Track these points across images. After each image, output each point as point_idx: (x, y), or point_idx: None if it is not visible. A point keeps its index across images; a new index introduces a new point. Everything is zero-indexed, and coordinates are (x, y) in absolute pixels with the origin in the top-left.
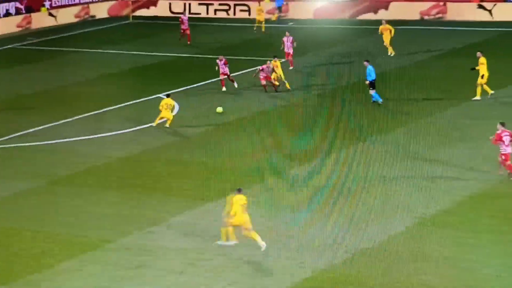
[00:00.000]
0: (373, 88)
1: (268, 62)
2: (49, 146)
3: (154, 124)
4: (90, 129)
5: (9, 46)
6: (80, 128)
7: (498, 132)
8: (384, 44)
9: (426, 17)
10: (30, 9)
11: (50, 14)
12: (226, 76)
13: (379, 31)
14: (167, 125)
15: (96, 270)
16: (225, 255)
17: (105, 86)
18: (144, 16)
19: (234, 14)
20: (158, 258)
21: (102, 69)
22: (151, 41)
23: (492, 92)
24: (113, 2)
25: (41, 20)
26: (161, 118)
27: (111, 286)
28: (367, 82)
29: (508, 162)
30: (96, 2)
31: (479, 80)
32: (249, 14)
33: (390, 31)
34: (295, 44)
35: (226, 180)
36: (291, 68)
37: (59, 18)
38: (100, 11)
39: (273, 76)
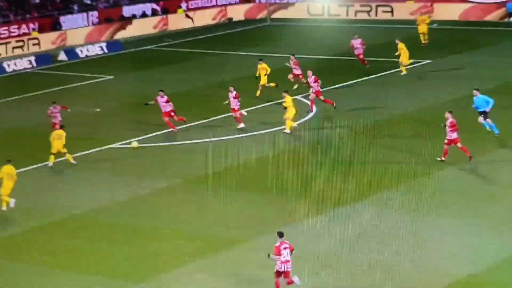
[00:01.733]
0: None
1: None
2: (187, 146)
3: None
4: (227, 130)
5: (145, 48)
6: (217, 129)
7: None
8: None
9: None
10: (166, 11)
11: (187, 16)
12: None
13: None
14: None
15: (230, 269)
16: (360, 258)
17: (242, 88)
18: (282, 19)
19: (376, 15)
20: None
21: (239, 71)
22: (289, 43)
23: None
24: (250, 5)
25: (177, 21)
26: (288, 118)
27: (241, 286)
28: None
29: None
30: (233, 4)
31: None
32: (392, 15)
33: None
34: (364, 46)
35: (364, 183)
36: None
37: (196, 20)
38: (237, 13)
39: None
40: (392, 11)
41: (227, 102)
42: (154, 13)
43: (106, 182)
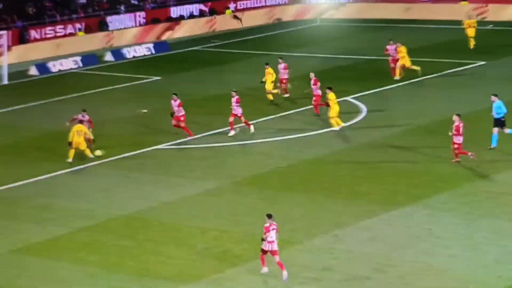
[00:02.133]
0: (500, 126)
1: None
2: (234, 147)
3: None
4: (276, 130)
5: (193, 48)
6: (266, 130)
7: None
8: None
9: None
10: (214, 12)
11: (235, 17)
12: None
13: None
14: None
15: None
16: (412, 262)
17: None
18: (332, 19)
19: (428, 16)
20: (343, 262)
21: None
22: (339, 43)
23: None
24: (299, 5)
25: (225, 22)
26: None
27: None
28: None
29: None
30: (282, 5)
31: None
32: (445, 16)
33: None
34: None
35: (416, 185)
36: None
37: (244, 21)
38: (286, 14)
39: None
40: (444, 12)
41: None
42: (202, 14)
43: (152, 183)
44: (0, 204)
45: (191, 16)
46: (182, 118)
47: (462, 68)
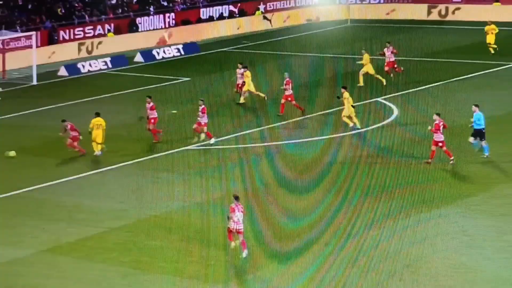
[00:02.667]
0: (478, 137)
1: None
2: (265, 148)
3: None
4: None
5: (222, 49)
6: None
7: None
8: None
9: None
10: (243, 13)
11: (265, 18)
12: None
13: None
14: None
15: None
16: (443, 262)
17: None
18: (363, 19)
19: (459, 17)
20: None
21: (318, 73)
22: (370, 44)
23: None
24: (330, 6)
25: (255, 23)
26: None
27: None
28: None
29: (445, 148)
30: (312, 5)
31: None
32: (476, 17)
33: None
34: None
35: (450, 185)
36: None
37: (273, 22)
38: (317, 14)
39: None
40: (474, 13)
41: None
42: (231, 15)
43: (182, 183)
44: (31, 204)
45: (221, 17)
46: (152, 121)
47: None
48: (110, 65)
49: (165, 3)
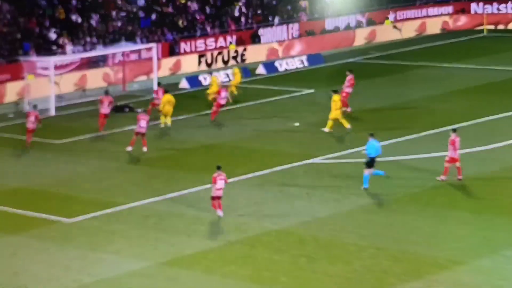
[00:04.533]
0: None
1: None
2: (393, 162)
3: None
4: (436, 146)
5: (348, 61)
6: (427, 145)
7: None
8: None
9: None
10: (372, 22)
11: (395, 27)
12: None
13: None
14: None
15: None
16: None
17: (455, 102)
18: (502, 30)
19: None
20: None
21: (449, 84)
22: (508, 55)
23: None
24: (465, 15)
25: (384, 33)
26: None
27: None
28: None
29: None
30: (446, 15)
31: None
32: None
33: None
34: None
35: None
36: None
37: (404, 32)
38: (451, 24)
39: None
40: None
41: None
42: (359, 25)
43: (305, 197)
44: (152, 217)
45: (348, 27)
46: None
47: None
48: (232, 77)
49: (291, 13)
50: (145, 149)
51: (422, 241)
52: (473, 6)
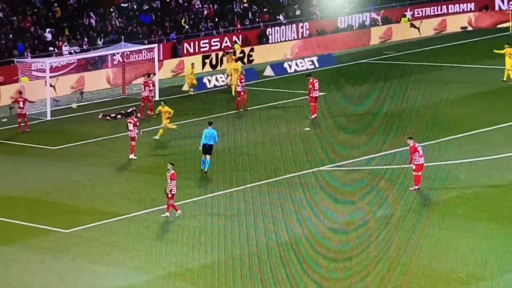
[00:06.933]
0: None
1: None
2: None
3: None
4: (458, 152)
5: (362, 61)
6: (450, 151)
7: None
8: None
9: None
10: (387, 20)
11: (412, 26)
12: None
13: None
14: None
15: None
16: None
17: (475, 105)
18: None
19: None
20: None
21: (471, 86)
22: None
23: None
24: (488, 12)
25: (400, 32)
26: None
27: None
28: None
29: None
30: (467, 12)
31: None
32: None
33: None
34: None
35: None
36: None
37: (422, 30)
38: (472, 22)
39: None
40: None
41: None
42: (374, 23)
43: (315, 206)
44: (153, 226)
45: (361, 26)
46: None
47: None
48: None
49: (299, 12)
50: (131, 156)
51: (438, 254)
52: (498, 2)
